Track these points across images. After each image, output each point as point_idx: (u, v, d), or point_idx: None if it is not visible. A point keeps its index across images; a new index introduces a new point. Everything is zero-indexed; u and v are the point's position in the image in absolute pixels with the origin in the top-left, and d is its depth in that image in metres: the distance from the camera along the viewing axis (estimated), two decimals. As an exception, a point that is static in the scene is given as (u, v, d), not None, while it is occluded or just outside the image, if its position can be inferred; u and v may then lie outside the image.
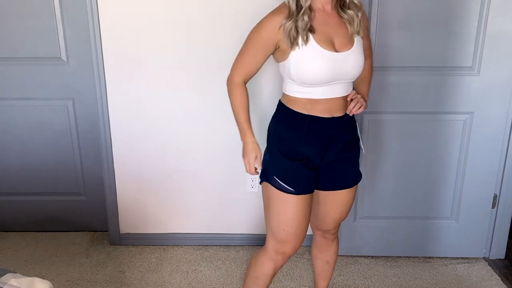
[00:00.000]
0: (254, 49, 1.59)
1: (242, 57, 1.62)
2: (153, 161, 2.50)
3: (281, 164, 1.62)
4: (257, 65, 1.62)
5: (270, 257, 1.71)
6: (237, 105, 1.64)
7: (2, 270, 1.38)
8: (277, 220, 1.65)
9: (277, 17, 1.52)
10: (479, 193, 2.39)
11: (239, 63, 1.63)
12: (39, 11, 2.38)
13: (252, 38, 1.59)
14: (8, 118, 2.57)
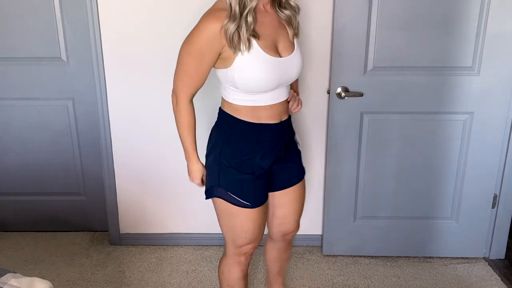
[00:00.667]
0: (197, 62, 1.45)
1: (185, 73, 1.48)
2: (153, 161, 2.50)
3: (234, 178, 1.55)
4: (202, 78, 1.49)
5: (234, 261, 1.70)
6: (183, 128, 1.57)
7: (2, 270, 1.38)
8: (238, 231, 1.62)
9: (216, 22, 1.38)
10: (479, 193, 2.39)
11: (183, 79, 1.49)
12: (39, 11, 2.38)
13: (191, 50, 1.44)
14: (8, 118, 2.57)
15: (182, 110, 1.54)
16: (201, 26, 1.43)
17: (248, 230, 1.62)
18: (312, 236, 2.61)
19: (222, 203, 1.60)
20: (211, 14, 1.43)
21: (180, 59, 1.48)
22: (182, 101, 1.53)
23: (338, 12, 2.13)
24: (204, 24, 1.42)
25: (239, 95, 1.51)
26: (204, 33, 1.41)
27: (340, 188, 2.41)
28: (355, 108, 2.26)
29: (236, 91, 1.50)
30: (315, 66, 2.31)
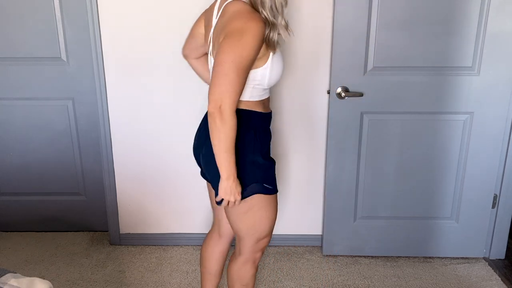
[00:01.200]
0: (247, 66, 1.42)
1: (235, 80, 1.40)
2: (153, 161, 2.50)
3: (266, 169, 1.59)
4: (245, 83, 1.45)
5: (250, 258, 1.71)
6: (230, 143, 1.43)
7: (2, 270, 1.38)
8: (266, 222, 1.63)
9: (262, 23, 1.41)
10: (479, 193, 2.39)
11: (235, 88, 1.40)
12: (39, 11, 2.38)
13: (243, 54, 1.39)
14: (8, 118, 2.57)
15: (231, 123, 1.41)
16: (252, 30, 1.39)
17: (274, 219, 1.66)
18: (312, 236, 2.61)
19: (258, 198, 1.57)
20: (252, 15, 1.42)
21: (233, 65, 1.38)
22: (231, 113, 1.41)
23: (338, 12, 2.13)
24: (255, 27, 1.39)
25: (258, 92, 1.55)
26: (256, 36, 1.40)
27: (340, 188, 2.41)
28: (355, 108, 2.26)
29: (258, 88, 1.53)
30: (315, 66, 2.32)
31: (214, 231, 1.90)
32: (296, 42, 2.28)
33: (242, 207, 1.57)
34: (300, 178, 2.52)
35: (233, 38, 1.39)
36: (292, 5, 2.22)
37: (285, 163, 2.49)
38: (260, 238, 1.67)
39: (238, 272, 1.74)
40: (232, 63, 1.38)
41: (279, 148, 2.46)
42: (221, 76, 1.40)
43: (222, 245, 1.89)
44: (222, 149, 1.44)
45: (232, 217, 1.64)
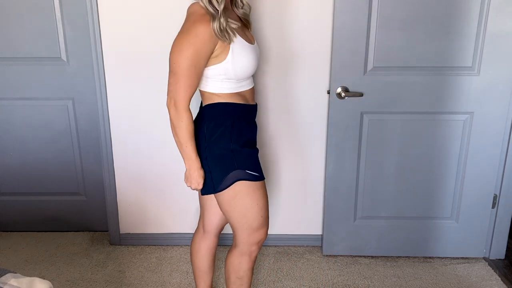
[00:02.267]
0: (195, 64, 1.51)
1: (185, 77, 1.51)
2: (153, 161, 2.50)
3: (247, 155, 1.65)
4: (198, 81, 1.57)
5: (246, 251, 1.74)
6: (186, 134, 1.57)
7: (2, 270, 1.38)
8: (256, 210, 1.68)
9: (208, 23, 1.49)
10: (479, 193, 2.39)
11: (182, 85, 1.52)
12: (39, 11, 2.38)
13: (188, 54, 1.49)
14: (8, 118, 2.57)
15: (185, 116, 1.55)
16: (197, 29, 1.50)
17: (263, 206, 1.69)
18: (312, 236, 2.61)
19: (241, 185, 1.63)
20: (199, 17, 1.52)
21: (177, 66, 1.50)
22: (183, 107, 1.55)
23: (338, 12, 2.13)
24: (199, 27, 1.50)
25: (230, 84, 1.61)
26: (200, 35, 1.49)
27: (340, 188, 2.41)
28: (355, 108, 2.26)
29: (227, 81, 1.61)
30: (315, 66, 2.31)
31: (199, 226, 1.94)
32: (296, 42, 2.28)
33: (228, 194, 1.64)
34: (300, 178, 2.52)
35: (180, 37, 1.52)
36: (292, 5, 2.23)
37: (285, 163, 2.49)
38: (254, 229, 1.69)
39: (233, 264, 1.77)
40: (178, 62, 1.50)
41: (279, 148, 2.46)
42: (172, 75, 1.53)
43: (207, 240, 1.91)
44: (181, 141, 1.58)
45: (223, 207, 1.69)
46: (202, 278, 1.96)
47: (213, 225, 1.89)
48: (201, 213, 1.91)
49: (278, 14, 2.24)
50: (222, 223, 1.91)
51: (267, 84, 2.35)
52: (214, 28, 1.49)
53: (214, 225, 1.89)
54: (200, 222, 1.93)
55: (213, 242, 1.93)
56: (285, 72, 2.33)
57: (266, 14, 2.24)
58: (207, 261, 1.94)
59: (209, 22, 1.50)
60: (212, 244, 1.93)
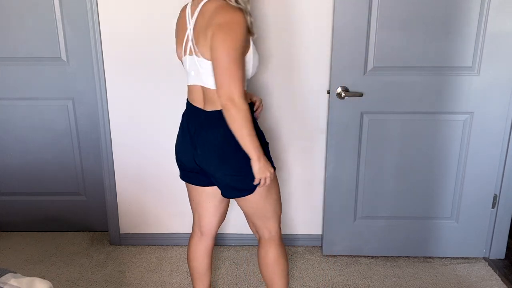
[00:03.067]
0: (243, 55, 1.53)
1: (238, 70, 1.49)
2: (153, 161, 2.50)
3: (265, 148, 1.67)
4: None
5: (280, 238, 1.80)
6: (250, 126, 1.52)
7: (2, 270, 1.38)
8: (279, 193, 1.77)
9: (243, 15, 1.51)
10: (479, 193, 2.39)
11: (238, 77, 1.49)
12: (39, 11, 2.38)
13: (237, 46, 1.49)
14: (8, 118, 2.57)
15: (244, 108, 1.50)
16: (237, 19, 1.49)
17: None
18: (312, 236, 2.61)
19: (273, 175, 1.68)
20: (232, 9, 1.51)
21: (229, 59, 1.47)
22: (242, 101, 1.49)
23: (338, 12, 2.13)
24: (240, 18, 1.49)
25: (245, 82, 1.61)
26: (242, 27, 1.49)
27: (340, 188, 2.41)
28: (355, 108, 2.26)
29: None
30: (315, 66, 2.32)
31: (194, 229, 1.92)
32: (296, 42, 2.28)
33: (263, 188, 1.66)
34: (300, 178, 2.52)
35: (223, 32, 1.48)
36: (292, 5, 2.23)
37: (285, 163, 2.49)
38: (279, 214, 1.79)
39: (280, 253, 1.80)
40: (229, 55, 1.47)
41: (279, 148, 2.46)
42: (223, 70, 1.48)
43: (205, 242, 1.91)
44: (245, 134, 1.52)
45: (254, 203, 1.70)
46: (201, 281, 1.95)
47: (212, 227, 1.88)
48: (196, 218, 1.89)
49: (279, 15, 2.24)
50: (219, 224, 1.91)
51: (267, 84, 2.34)
52: (249, 23, 1.53)
53: (213, 227, 1.89)
54: (196, 226, 1.90)
55: (211, 243, 1.92)
56: (285, 72, 2.33)
57: (267, 14, 2.24)
58: (206, 263, 1.93)
59: (240, 10, 1.51)
60: (210, 246, 1.92)
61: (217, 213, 1.86)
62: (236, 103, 1.49)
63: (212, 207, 1.83)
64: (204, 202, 1.83)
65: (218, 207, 1.84)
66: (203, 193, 1.80)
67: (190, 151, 1.68)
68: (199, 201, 1.84)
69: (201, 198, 1.82)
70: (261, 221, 1.75)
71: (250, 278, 2.35)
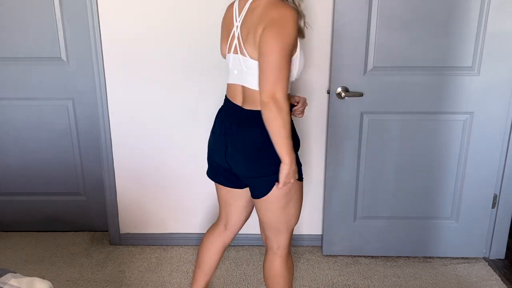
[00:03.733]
0: (290, 54, 1.46)
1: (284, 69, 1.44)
2: (153, 161, 2.50)
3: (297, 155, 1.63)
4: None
5: (289, 250, 1.77)
6: (290, 125, 1.49)
7: (2, 270, 1.38)
8: (300, 210, 1.73)
9: (295, 12, 1.46)
10: (479, 193, 2.39)
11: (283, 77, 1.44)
12: (39, 11, 2.38)
13: (285, 45, 1.43)
14: (8, 118, 2.57)
15: (286, 109, 1.45)
16: (290, 16, 1.45)
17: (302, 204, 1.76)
18: (312, 236, 2.61)
19: (299, 184, 1.67)
20: (287, 6, 1.47)
21: (278, 55, 1.42)
22: (284, 100, 1.45)
23: (338, 12, 2.13)
24: (293, 15, 1.45)
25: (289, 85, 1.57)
26: (295, 24, 1.46)
27: (340, 188, 2.41)
28: (355, 108, 2.26)
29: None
30: (315, 66, 2.32)
31: (219, 223, 1.90)
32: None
33: (283, 199, 1.62)
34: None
35: (275, 27, 1.43)
36: (292, 5, 2.22)
37: (285, 163, 2.49)
38: (294, 227, 1.74)
39: (285, 267, 1.76)
40: (279, 52, 1.42)
41: (279, 148, 2.46)
42: (270, 66, 1.43)
43: (225, 237, 1.89)
44: (283, 136, 1.47)
45: (275, 211, 1.65)
46: (204, 273, 1.93)
47: (239, 224, 1.88)
48: (224, 215, 1.87)
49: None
50: (246, 221, 1.90)
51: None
52: (301, 24, 1.49)
53: (240, 225, 1.88)
54: (222, 219, 1.88)
55: (230, 240, 1.91)
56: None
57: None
58: (217, 258, 1.92)
59: (292, 7, 1.47)
60: (227, 242, 1.91)
61: (244, 212, 1.85)
62: (278, 102, 1.43)
63: (240, 207, 1.82)
64: (234, 202, 1.81)
65: (247, 206, 1.83)
66: (233, 193, 1.78)
67: (222, 148, 1.66)
68: (228, 201, 1.82)
69: (231, 199, 1.80)
70: (272, 233, 1.72)
71: (250, 278, 2.35)
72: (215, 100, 2.36)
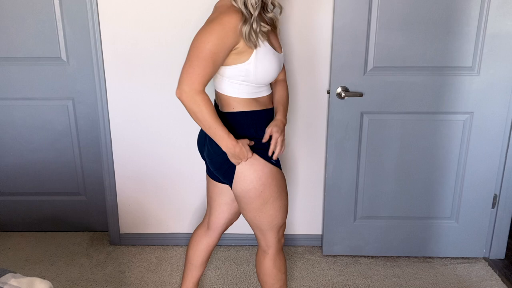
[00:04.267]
0: (215, 50, 1.47)
1: (201, 60, 1.47)
2: (153, 161, 2.50)
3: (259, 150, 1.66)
4: (216, 68, 1.51)
5: (278, 248, 1.77)
6: (209, 115, 1.51)
7: (2, 270, 1.38)
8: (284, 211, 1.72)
9: (236, 18, 1.48)
10: (479, 193, 2.39)
11: (198, 67, 1.47)
12: (39, 11, 2.38)
13: (210, 39, 1.46)
14: (8, 118, 2.57)
15: (200, 98, 1.49)
16: (223, 19, 1.48)
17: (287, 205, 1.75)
18: (312, 236, 2.61)
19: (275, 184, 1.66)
20: (226, 9, 1.51)
21: (196, 48, 1.47)
22: (197, 91, 1.49)
23: (338, 12, 2.13)
24: (226, 17, 1.48)
25: (248, 89, 1.60)
26: (226, 25, 1.47)
27: (340, 188, 2.41)
28: (355, 108, 2.26)
29: (246, 85, 1.59)
30: (315, 66, 2.32)
31: (203, 222, 1.95)
32: (296, 42, 2.28)
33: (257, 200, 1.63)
34: (300, 178, 2.52)
35: (203, 27, 1.51)
36: (292, 5, 2.22)
37: (285, 163, 2.49)
38: (280, 226, 1.73)
39: (274, 266, 1.78)
40: (199, 48, 1.47)
41: (279, 148, 2.46)
42: (187, 61, 1.50)
43: (209, 237, 1.93)
44: (206, 125, 1.54)
45: (251, 213, 1.68)
46: (191, 272, 1.97)
47: (219, 224, 1.90)
48: (208, 211, 1.92)
49: (278, 14, 2.24)
50: (228, 223, 1.92)
51: (267, 84, 2.34)
52: (244, 31, 1.48)
53: (220, 224, 1.90)
54: (206, 218, 1.93)
55: (214, 240, 1.94)
56: (285, 72, 2.33)
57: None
58: (202, 257, 1.95)
59: (236, 14, 1.48)
60: (212, 242, 1.94)
61: (227, 211, 1.87)
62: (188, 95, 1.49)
63: (224, 204, 1.85)
64: (217, 198, 1.85)
65: (230, 205, 1.85)
66: (217, 188, 1.82)
67: (201, 144, 1.73)
68: (213, 195, 1.86)
69: (215, 193, 1.84)
70: (258, 231, 1.75)
71: (250, 278, 2.35)
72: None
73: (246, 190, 1.62)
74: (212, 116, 1.52)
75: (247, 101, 1.61)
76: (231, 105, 1.62)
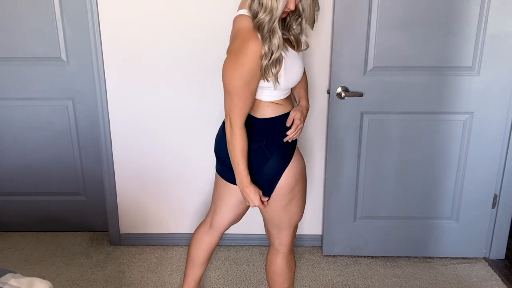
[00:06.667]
0: (250, 83, 1.50)
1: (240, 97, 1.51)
2: (153, 161, 2.50)
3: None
4: (253, 98, 1.56)
5: (291, 247, 1.80)
6: (240, 152, 1.57)
7: (2, 270, 1.38)
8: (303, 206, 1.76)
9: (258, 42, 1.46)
10: (479, 193, 2.39)
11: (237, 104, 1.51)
12: (39, 11, 2.38)
13: (243, 74, 1.48)
14: (8, 118, 2.57)
15: (238, 134, 1.55)
16: (248, 48, 1.47)
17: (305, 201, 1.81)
18: (312, 236, 2.61)
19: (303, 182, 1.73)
20: (249, 34, 1.48)
21: (232, 86, 1.49)
22: (238, 126, 1.55)
23: (338, 12, 2.13)
24: (250, 46, 1.47)
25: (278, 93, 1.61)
26: (253, 55, 1.47)
27: (340, 188, 2.41)
28: (355, 108, 2.26)
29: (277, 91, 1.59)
30: (315, 66, 2.32)
31: (206, 220, 1.95)
32: (296, 42, 2.28)
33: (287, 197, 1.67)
34: (300, 178, 2.52)
35: (230, 59, 1.49)
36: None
37: (285, 163, 2.49)
38: (297, 225, 1.77)
39: (286, 265, 1.80)
40: (232, 83, 1.49)
41: (279, 148, 2.46)
42: (226, 95, 1.53)
43: (211, 236, 1.93)
44: (234, 160, 1.59)
45: (276, 211, 1.70)
46: (193, 270, 1.98)
47: (223, 223, 1.90)
48: (212, 209, 1.91)
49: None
50: (231, 223, 1.92)
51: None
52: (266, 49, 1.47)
53: (224, 224, 1.90)
54: (209, 217, 1.93)
55: (216, 239, 1.94)
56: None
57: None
58: (205, 255, 1.95)
59: (259, 39, 1.47)
60: (214, 241, 1.94)
61: (233, 212, 1.87)
62: (232, 128, 1.55)
63: (231, 205, 1.84)
64: (226, 197, 1.84)
65: (237, 207, 1.85)
66: (228, 188, 1.81)
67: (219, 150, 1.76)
68: (221, 195, 1.85)
69: (224, 193, 1.84)
70: (275, 230, 1.76)
71: (250, 278, 2.35)
72: (215, 100, 2.36)
73: (279, 187, 1.65)
74: (242, 153, 1.57)
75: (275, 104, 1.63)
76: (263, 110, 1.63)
